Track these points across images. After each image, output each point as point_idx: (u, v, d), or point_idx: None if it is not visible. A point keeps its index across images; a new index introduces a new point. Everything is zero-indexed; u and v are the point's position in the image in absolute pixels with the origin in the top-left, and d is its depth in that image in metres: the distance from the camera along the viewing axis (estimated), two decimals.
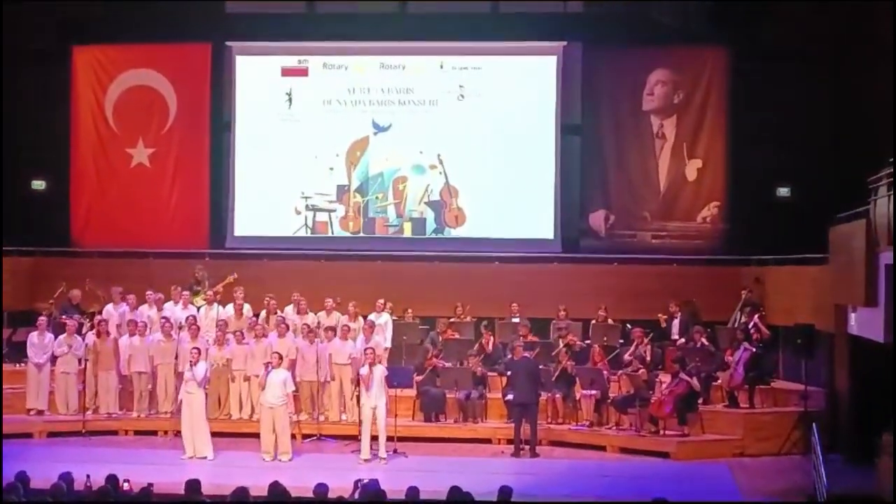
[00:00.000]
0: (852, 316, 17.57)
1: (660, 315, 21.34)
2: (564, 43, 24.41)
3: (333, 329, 20.43)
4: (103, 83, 25.11)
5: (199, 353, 18.87)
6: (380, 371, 18.52)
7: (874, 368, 17.67)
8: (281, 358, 18.69)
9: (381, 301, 21.56)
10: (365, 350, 19.04)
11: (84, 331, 20.79)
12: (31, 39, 23.87)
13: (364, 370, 18.54)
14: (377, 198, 24.78)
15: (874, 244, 16.07)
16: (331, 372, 20.16)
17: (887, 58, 20.35)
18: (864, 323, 16.67)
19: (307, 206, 24.76)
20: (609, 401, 19.91)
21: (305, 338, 20.24)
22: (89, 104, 25.11)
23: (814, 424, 17.52)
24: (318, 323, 20.77)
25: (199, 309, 21.36)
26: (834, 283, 18.51)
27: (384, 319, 21.40)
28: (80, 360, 20.35)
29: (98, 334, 20.45)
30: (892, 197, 15.17)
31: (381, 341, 20.77)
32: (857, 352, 18.19)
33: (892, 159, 15.30)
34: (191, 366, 18.56)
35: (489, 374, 20.71)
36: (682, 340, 20.98)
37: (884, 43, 20.45)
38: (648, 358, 20.27)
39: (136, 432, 20.28)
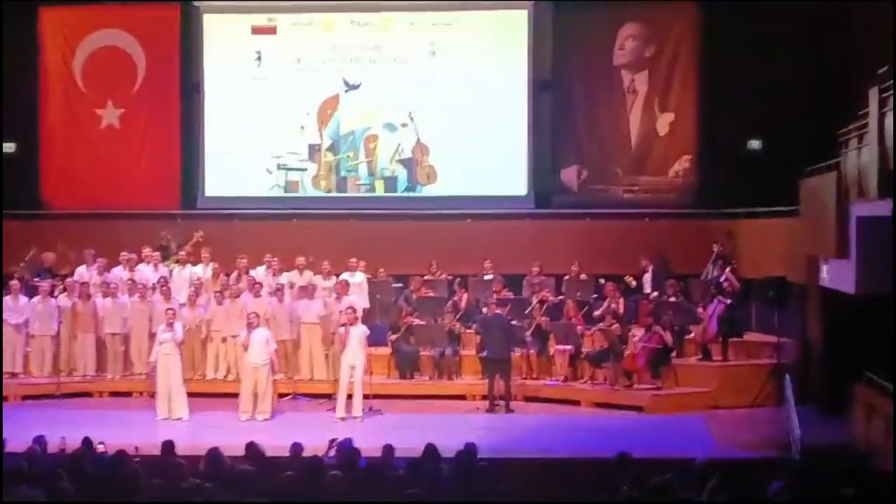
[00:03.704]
0: (824, 268, 17.65)
1: (627, 277, 21.33)
2: None
3: (305, 288, 20.45)
4: (71, 44, 24.85)
5: (175, 313, 18.86)
6: (360, 331, 18.55)
7: (846, 320, 17.80)
8: (258, 317, 18.65)
9: (354, 260, 21.54)
10: (346, 309, 19.03)
11: (56, 293, 20.73)
12: None
13: (342, 329, 18.57)
14: (349, 156, 24.69)
15: (845, 196, 16.14)
16: (298, 331, 20.19)
17: (858, 10, 20.38)
18: (836, 274, 16.76)
19: (278, 165, 24.64)
20: (583, 356, 20.01)
21: (276, 297, 20.22)
22: (57, 65, 24.85)
23: (787, 376, 17.66)
24: (291, 283, 20.72)
25: (171, 271, 21.32)
26: (805, 235, 18.59)
27: (359, 279, 21.37)
28: (55, 323, 20.34)
29: (79, 296, 20.40)
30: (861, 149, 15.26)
31: (357, 300, 20.76)
32: (828, 303, 18.29)
33: (861, 112, 15.36)
34: (168, 326, 18.54)
35: (463, 331, 20.74)
36: (655, 294, 21.04)
37: None
38: (621, 312, 20.33)
39: (111, 394, 20.31)
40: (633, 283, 21.25)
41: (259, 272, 21.17)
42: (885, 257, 14.49)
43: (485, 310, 19.96)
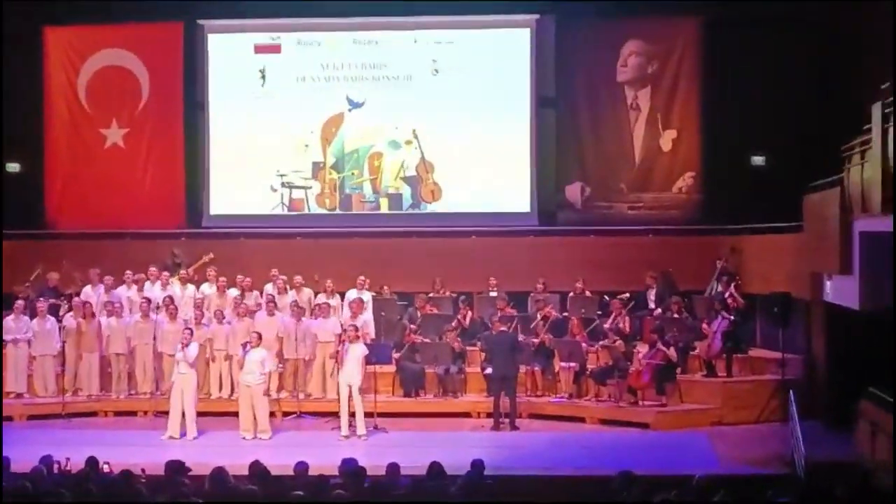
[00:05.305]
0: (828, 284, 17.66)
1: (621, 295, 21.23)
2: (538, 16, 24.34)
3: (320, 307, 20.46)
4: (75, 64, 24.94)
5: (192, 333, 18.88)
6: (359, 350, 18.55)
7: (850, 335, 17.80)
8: (260, 337, 18.69)
9: (363, 278, 21.55)
10: (346, 327, 19.07)
11: (61, 313, 20.75)
12: (1, 20, 23.61)
13: (341, 347, 18.59)
14: (353, 174, 24.73)
15: (848, 212, 16.15)
16: (314, 350, 20.21)
17: (860, 25, 20.43)
18: (840, 290, 16.77)
19: (283, 183, 24.68)
20: (588, 373, 19.99)
21: (293, 316, 20.25)
22: (62, 85, 24.94)
23: (791, 392, 17.64)
24: (297, 301, 20.74)
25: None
26: (809, 251, 18.60)
27: (367, 297, 21.40)
28: (56, 342, 20.35)
29: (84, 316, 20.42)
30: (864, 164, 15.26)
31: (370, 319, 20.83)
32: (833, 319, 18.29)
33: (865, 127, 15.37)
34: (182, 346, 18.57)
35: (468, 348, 20.75)
36: (659, 311, 21.04)
37: (857, 10, 20.51)
38: (626, 329, 20.34)
39: (116, 413, 20.30)
40: (627, 296, 21.15)
41: (267, 289, 21.21)
42: (888, 273, 14.50)
43: (490, 328, 20.01)
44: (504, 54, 24.54)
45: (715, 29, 23.47)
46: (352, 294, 21.26)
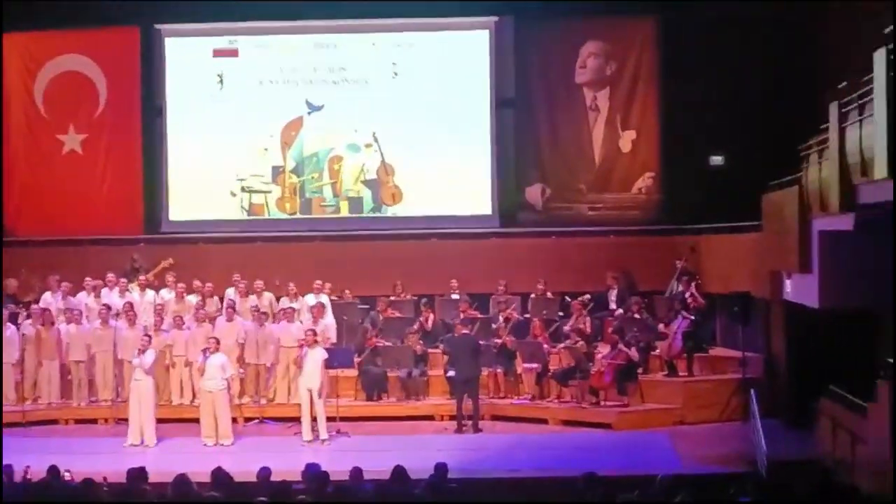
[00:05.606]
0: (787, 282, 17.73)
1: (582, 297, 21.24)
2: (496, 18, 24.36)
3: (285, 311, 20.41)
4: (32, 70, 24.76)
5: (150, 340, 18.78)
6: (318, 354, 18.53)
7: (810, 334, 17.89)
8: (218, 343, 18.60)
9: (320, 282, 21.53)
10: (305, 331, 19.06)
11: (20, 320, 20.60)
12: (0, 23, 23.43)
13: (300, 352, 18.59)
14: (313, 178, 24.66)
15: (807, 211, 16.23)
16: (276, 355, 20.16)
17: (818, 25, 20.57)
18: (799, 289, 16.83)
19: (242, 188, 24.59)
20: (550, 374, 20.04)
21: (254, 321, 20.20)
22: (18, 91, 24.73)
23: (752, 391, 17.72)
24: (258, 306, 20.68)
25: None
26: (768, 250, 18.66)
27: (325, 300, 21.36)
28: (15, 350, 20.19)
29: (43, 323, 20.28)
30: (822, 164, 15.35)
31: (332, 323, 20.81)
32: (792, 318, 18.37)
33: (822, 126, 15.47)
34: (139, 353, 18.47)
35: (430, 351, 20.74)
36: (620, 311, 21.09)
37: (815, 10, 20.64)
38: (588, 330, 20.37)
39: (77, 421, 20.16)
40: (587, 297, 21.16)
41: (229, 294, 21.15)
42: (847, 271, 14.59)
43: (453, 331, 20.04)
44: (463, 56, 24.54)
45: (673, 29, 23.52)
46: (310, 299, 21.21)
